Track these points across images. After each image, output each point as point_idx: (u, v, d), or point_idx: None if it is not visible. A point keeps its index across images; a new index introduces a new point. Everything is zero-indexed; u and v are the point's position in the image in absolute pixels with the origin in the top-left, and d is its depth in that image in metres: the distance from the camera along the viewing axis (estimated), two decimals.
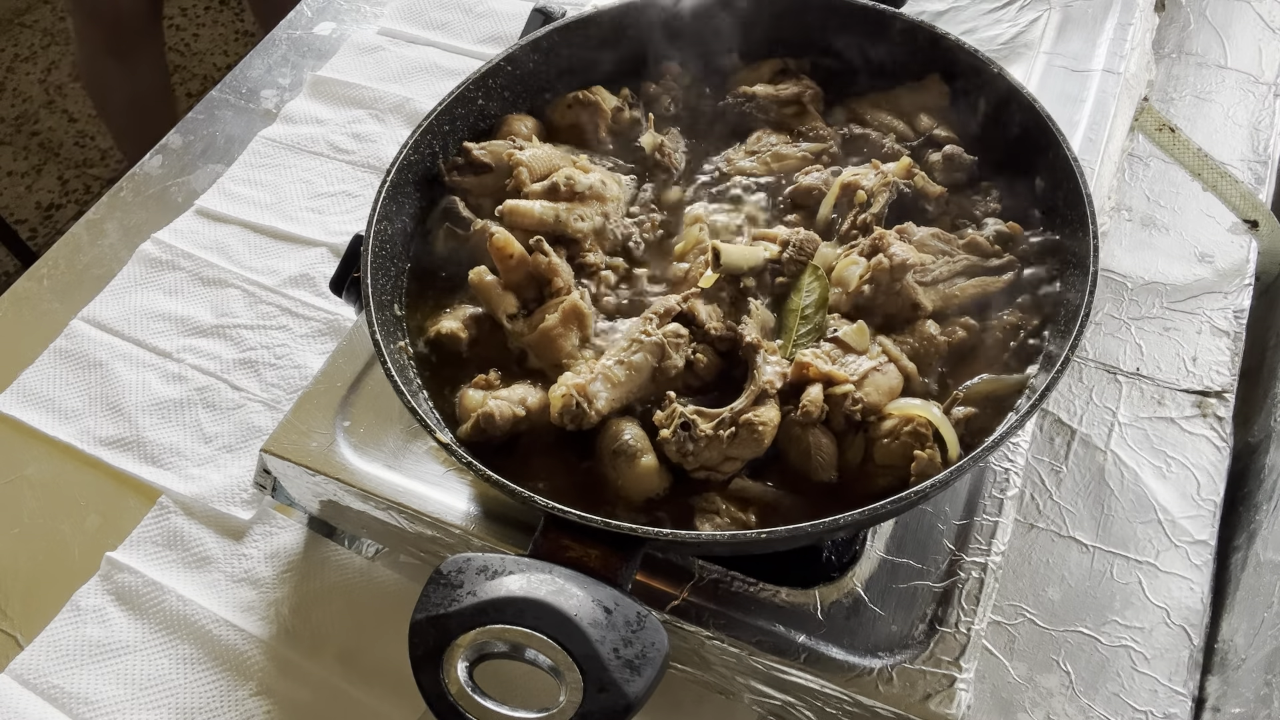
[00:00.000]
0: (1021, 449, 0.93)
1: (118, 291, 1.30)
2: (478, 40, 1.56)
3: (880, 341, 0.86)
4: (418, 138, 0.98)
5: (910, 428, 0.80)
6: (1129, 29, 1.20)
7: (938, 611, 0.83)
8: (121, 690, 0.99)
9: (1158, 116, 1.19)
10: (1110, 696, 0.91)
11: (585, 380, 0.83)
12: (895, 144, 1.02)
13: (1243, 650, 0.93)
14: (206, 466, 1.14)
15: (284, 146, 1.45)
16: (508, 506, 0.90)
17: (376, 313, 0.87)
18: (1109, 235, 1.21)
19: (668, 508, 0.82)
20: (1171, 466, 1.04)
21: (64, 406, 1.20)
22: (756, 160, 1.02)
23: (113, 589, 1.06)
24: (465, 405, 0.87)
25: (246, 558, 1.07)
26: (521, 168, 0.97)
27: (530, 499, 0.75)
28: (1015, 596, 0.97)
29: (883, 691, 0.79)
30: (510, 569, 0.71)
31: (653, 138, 1.04)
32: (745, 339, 0.85)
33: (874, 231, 0.91)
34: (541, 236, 0.92)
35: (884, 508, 0.73)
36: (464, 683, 0.67)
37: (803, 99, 1.06)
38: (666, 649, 0.68)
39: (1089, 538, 1.00)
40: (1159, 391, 1.10)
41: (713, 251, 0.90)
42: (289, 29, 1.63)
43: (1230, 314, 1.14)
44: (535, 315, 0.91)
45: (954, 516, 0.88)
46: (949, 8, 1.26)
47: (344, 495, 0.95)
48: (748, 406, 0.81)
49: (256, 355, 1.23)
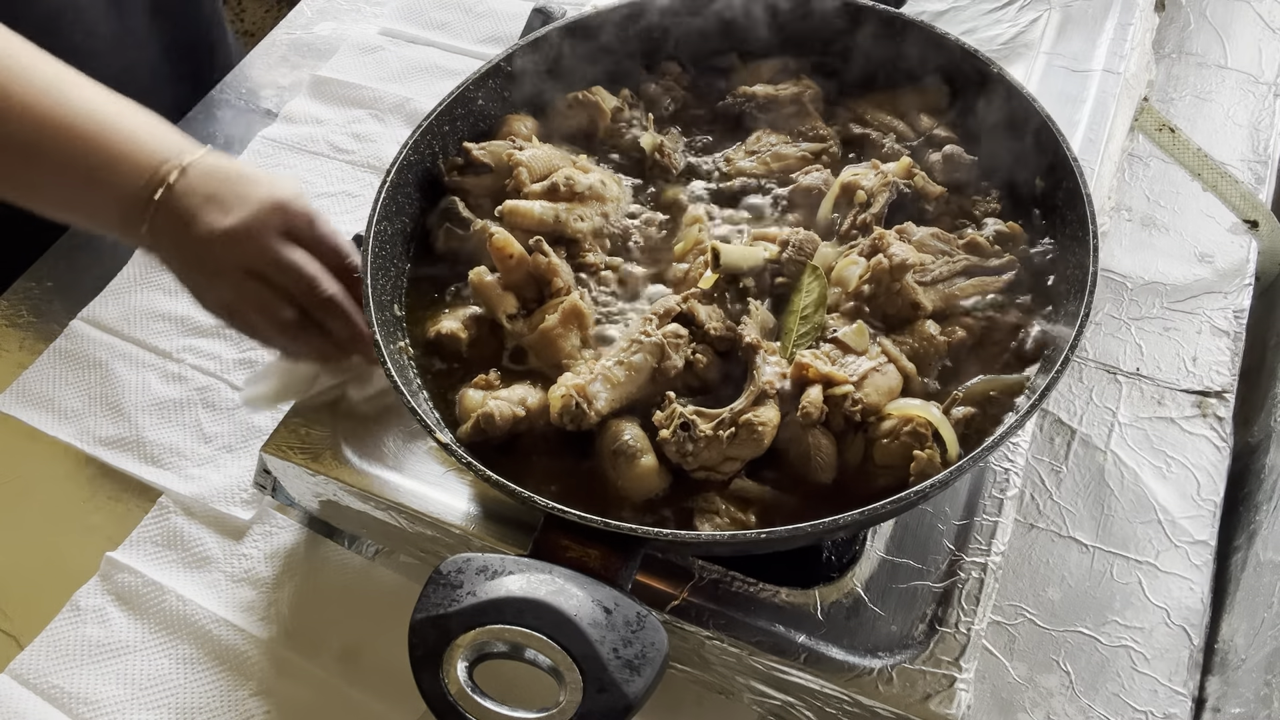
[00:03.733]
0: (1021, 449, 0.93)
1: (118, 291, 1.30)
2: (478, 40, 1.56)
3: (880, 342, 0.87)
4: (418, 138, 0.98)
5: (910, 428, 0.80)
6: (1129, 29, 1.20)
7: (938, 611, 0.83)
8: (121, 690, 0.99)
9: (1158, 116, 1.19)
10: (1110, 696, 0.91)
11: (585, 381, 0.83)
12: (895, 144, 1.02)
13: (1243, 650, 0.93)
14: (206, 466, 1.14)
15: (284, 146, 1.45)
16: (508, 506, 0.90)
17: (376, 313, 0.87)
18: (1109, 235, 1.21)
19: (668, 508, 0.82)
20: (1171, 466, 1.04)
21: (64, 406, 1.20)
22: (756, 160, 1.02)
23: (113, 589, 1.06)
24: (465, 405, 0.87)
25: (246, 558, 1.07)
26: (521, 168, 0.97)
27: (530, 499, 0.75)
28: (1015, 596, 0.97)
29: (883, 691, 0.79)
30: (510, 569, 0.71)
31: (653, 138, 1.04)
32: (745, 339, 0.85)
33: (874, 231, 0.91)
34: (541, 236, 0.92)
35: (884, 508, 0.73)
36: (464, 683, 0.67)
37: (803, 99, 1.06)
38: (666, 649, 0.68)
39: (1089, 538, 1.00)
40: (1159, 391, 1.10)
41: (712, 252, 0.90)
42: (289, 29, 1.63)
43: (1230, 314, 1.14)
44: (535, 315, 0.91)
45: (954, 516, 0.88)
46: (949, 8, 1.26)
47: (344, 495, 0.95)
48: (747, 407, 0.81)
49: (256, 355, 1.23)
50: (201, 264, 0.91)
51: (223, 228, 0.89)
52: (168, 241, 0.91)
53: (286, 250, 0.90)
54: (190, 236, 0.89)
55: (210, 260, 0.90)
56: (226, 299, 0.92)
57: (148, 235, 0.91)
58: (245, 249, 0.89)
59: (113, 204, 0.90)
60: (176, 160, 0.91)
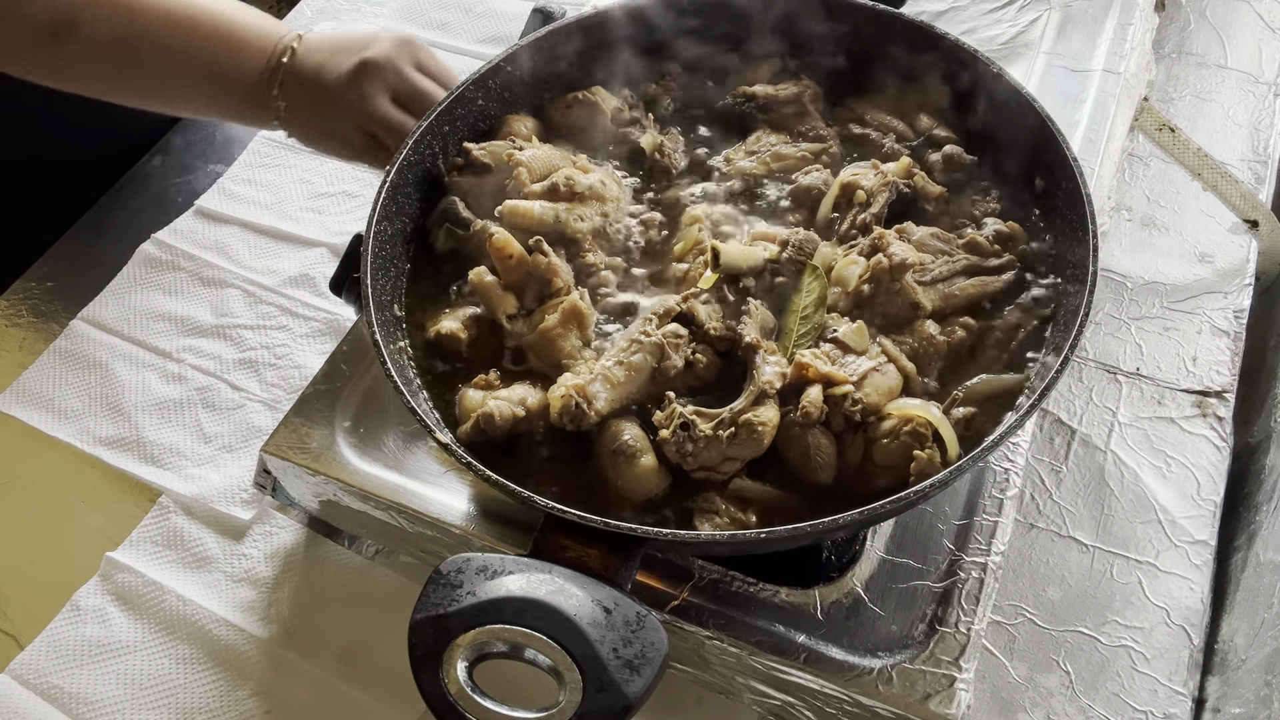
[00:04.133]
0: (1021, 449, 0.93)
1: (118, 291, 1.31)
2: (478, 40, 1.56)
3: (880, 342, 0.86)
4: (418, 138, 0.98)
5: (910, 428, 0.80)
6: (1129, 29, 1.20)
7: (938, 611, 0.83)
8: (121, 690, 0.99)
9: (1158, 116, 1.19)
10: (1110, 696, 0.91)
11: (585, 381, 0.83)
12: (895, 144, 1.02)
13: (1243, 651, 0.93)
14: (206, 466, 1.14)
15: (284, 146, 1.45)
16: (508, 506, 0.90)
17: (376, 313, 0.87)
18: (1109, 235, 1.21)
19: (668, 508, 0.82)
20: (1171, 466, 1.04)
21: (64, 406, 1.20)
22: (756, 160, 1.02)
23: (113, 589, 1.06)
24: (465, 405, 0.87)
25: (246, 558, 1.07)
26: (521, 168, 0.97)
27: (530, 499, 0.75)
28: (1015, 596, 0.97)
29: (882, 691, 0.79)
30: (510, 569, 0.71)
31: (653, 138, 1.04)
32: (745, 339, 0.85)
33: (873, 231, 0.91)
34: (541, 237, 0.92)
35: (884, 508, 0.73)
36: (464, 683, 0.67)
37: (803, 99, 1.06)
38: (666, 649, 0.68)
39: (1089, 538, 1.00)
40: (1159, 391, 1.09)
41: (712, 252, 0.90)
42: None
43: (1230, 314, 1.14)
44: (535, 315, 0.91)
45: (954, 516, 0.88)
46: (949, 8, 1.26)
47: (344, 495, 0.95)
48: (747, 407, 0.81)
49: (256, 355, 1.23)
50: (332, 103, 1.06)
51: (359, 61, 1.04)
52: (299, 94, 1.06)
53: (418, 80, 1.07)
54: (320, 82, 1.05)
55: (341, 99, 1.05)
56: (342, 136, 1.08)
57: (279, 95, 1.06)
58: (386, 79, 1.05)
59: (244, 77, 1.06)
60: (293, 34, 1.08)
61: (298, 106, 1.07)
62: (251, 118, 1.11)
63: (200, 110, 1.17)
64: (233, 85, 1.06)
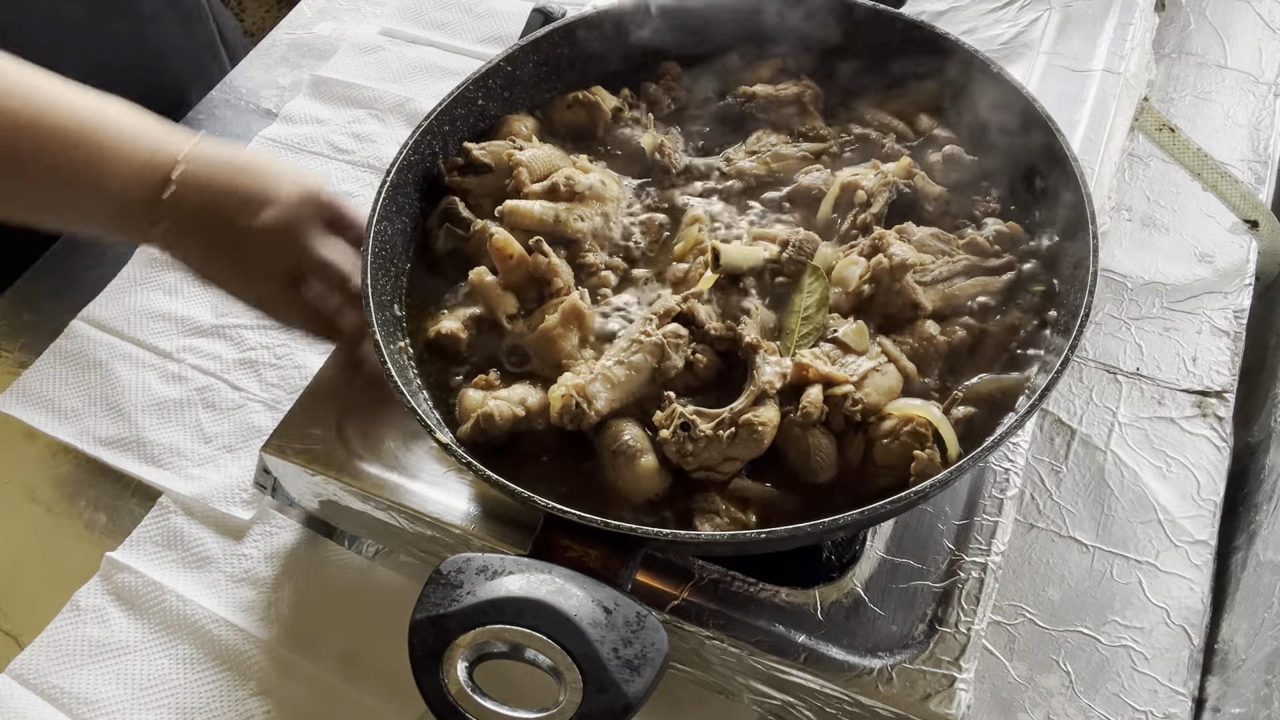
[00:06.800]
0: (1021, 449, 0.93)
1: (118, 291, 1.30)
2: (478, 40, 1.56)
3: (880, 342, 0.87)
4: (418, 138, 0.98)
5: (910, 428, 0.80)
6: (1129, 29, 1.20)
7: (938, 611, 0.83)
8: (121, 690, 0.99)
9: (1158, 116, 1.19)
10: (1110, 696, 0.91)
11: (585, 380, 0.83)
12: (895, 144, 1.02)
13: (1243, 650, 0.93)
14: (206, 466, 1.14)
15: (284, 146, 1.45)
16: (508, 506, 0.90)
17: (376, 313, 0.87)
18: (1109, 235, 1.21)
19: (668, 508, 0.82)
20: (1171, 466, 1.04)
21: (64, 406, 1.20)
22: (756, 160, 1.02)
23: (113, 589, 1.06)
24: (465, 405, 0.87)
25: (246, 558, 1.07)
26: (521, 168, 0.97)
27: (530, 499, 0.75)
28: (1015, 596, 0.97)
29: (883, 691, 0.79)
30: (510, 569, 0.71)
31: (653, 138, 1.04)
32: (745, 339, 0.85)
33: (874, 231, 0.92)
34: (541, 237, 0.92)
35: (884, 508, 0.73)
36: (464, 683, 0.67)
37: (803, 99, 1.06)
38: (666, 649, 0.68)
39: (1089, 538, 1.00)
40: (1159, 391, 1.10)
41: (712, 252, 0.90)
42: (289, 29, 1.63)
43: (1230, 314, 1.14)
44: (535, 315, 0.91)
45: (954, 516, 0.88)
46: (949, 8, 1.26)
47: (344, 495, 0.95)
48: (747, 407, 0.81)
49: (256, 355, 1.23)
50: (236, 262, 0.91)
51: (260, 225, 0.87)
52: (192, 240, 0.90)
53: (325, 249, 0.91)
54: (221, 236, 0.88)
55: (249, 259, 0.90)
56: (262, 295, 0.93)
57: (165, 234, 0.89)
58: (289, 248, 0.89)
59: (110, 204, 0.88)
60: (170, 151, 0.88)
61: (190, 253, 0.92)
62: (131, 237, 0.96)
63: (81, 229, 1.01)
64: (103, 207, 0.89)
